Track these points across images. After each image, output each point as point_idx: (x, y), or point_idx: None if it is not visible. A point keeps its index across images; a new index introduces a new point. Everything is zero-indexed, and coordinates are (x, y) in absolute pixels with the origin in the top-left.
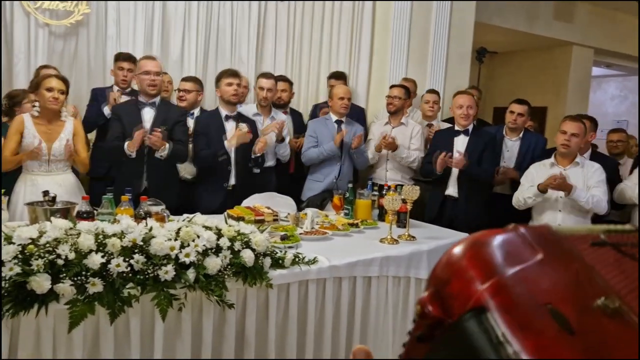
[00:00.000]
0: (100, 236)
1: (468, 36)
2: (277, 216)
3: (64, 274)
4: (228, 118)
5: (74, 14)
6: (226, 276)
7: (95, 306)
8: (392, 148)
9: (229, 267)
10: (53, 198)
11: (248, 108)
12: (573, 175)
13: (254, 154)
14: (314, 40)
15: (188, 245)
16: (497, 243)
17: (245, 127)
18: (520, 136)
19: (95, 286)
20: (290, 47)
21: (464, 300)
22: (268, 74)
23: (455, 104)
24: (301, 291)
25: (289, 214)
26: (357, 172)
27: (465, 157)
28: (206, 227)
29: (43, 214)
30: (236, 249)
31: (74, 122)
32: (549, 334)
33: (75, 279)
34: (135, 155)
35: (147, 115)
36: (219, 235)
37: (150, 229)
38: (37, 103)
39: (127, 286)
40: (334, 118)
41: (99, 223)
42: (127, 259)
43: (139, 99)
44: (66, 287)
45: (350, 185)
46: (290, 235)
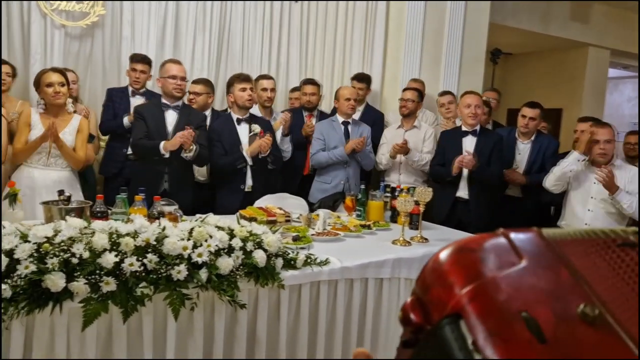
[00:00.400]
0: (114, 235)
1: (482, 37)
2: (289, 217)
3: (78, 273)
4: (240, 121)
5: (90, 16)
6: (238, 276)
7: (108, 305)
8: (405, 152)
9: (241, 268)
10: (68, 197)
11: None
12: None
13: (260, 155)
14: (327, 41)
15: (201, 245)
16: (482, 249)
17: (257, 128)
18: (532, 139)
19: (108, 285)
20: (303, 49)
21: (442, 306)
22: (267, 75)
23: (462, 104)
24: (313, 292)
25: (301, 215)
26: (370, 174)
27: (475, 158)
28: (219, 228)
29: (58, 213)
30: (248, 250)
31: (81, 120)
32: (519, 342)
33: (89, 278)
34: (168, 155)
35: (170, 117)
36: (232, 235)
37: (163, 229)
38: (42, 100)
39: (140, 285)
40: (341, 119)
41: (113, 222)
42: (141, 259)
43: (162, 101)
44: (80, 286)
45: (362, 186)
46: (302, 236)
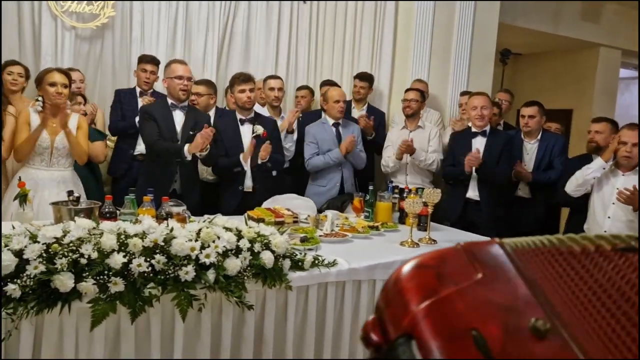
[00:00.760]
0: (122, 236)
1: (492, 37)
2: (297, 218)
3: (87, 273)
4: (243, 122)
5: (100, 17)
6: (246, 277)
7: (116, 305)
8: (410, 151)
9: (249, 269)
10: (77, 198)
11: (259, 111)
12: (630, 183)
13: (261, 160)
14: (336, 41)
15: (208, 246)
16: (441, 264)
17: (260, 129)
18: (538, 138)
19: (116, 285)
20: (312, 48)
21: (398, 324)
22: (275, 75)
23: (469, 105)
24: (320, 293)
25: (309, 216)
26: (372, 175)
27: (479, 155)
28: (226, 229)
29: (67, 214)
30: (256, 251)
31: (79, 117)
32: None
33: (97, 278)
34: (190, 158)
35: (178, 117)
36: (239, 236)
37: (171, 230)
38: (40, 98)
39: (148, 286)
40: (331, 121)
41: (121, 223)
42: (148, 259)
43: (170, 102)
44: (89, 286)
45: (370, 187)
46: (310, 237)
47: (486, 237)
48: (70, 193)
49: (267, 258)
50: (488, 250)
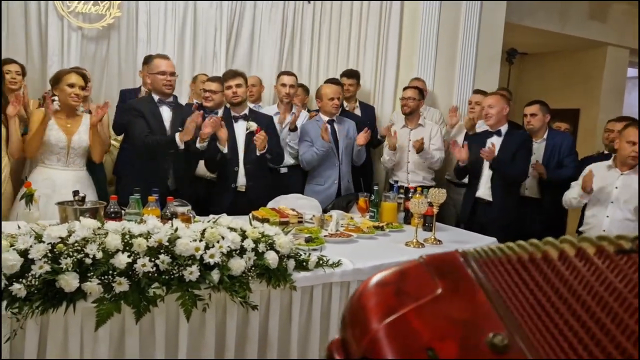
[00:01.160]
0: (126, 236)
1: (498, 37)
2: (302, 218)
3: (92, 273)
4: (237, 119)
5: (106, 18)
6: (250, 277)
7: (121, 305)
8: (420, 149)
9: (253, 269)
10: (82, 198)
11: (270, 109)
12: (629, 182)
13: (259, 152)
14: (342, 41)
15: (213, 246)
16: (400, 279)
17: (254, 126)
18: (544, 137)
19: (121, 285)
20: (316, 49)
21: (358, 345)
22: (289, 72)
23: (482, 104)
24: (325, 294)
25: (314, 216)
26: (372, 174)
27: (494, 149)
28: (231, 229)
29: (73, 214)
30: (260, 251)
31: (90, 116)
32: None
33: (102, 278)
34: (184, 147)
35: (166, 114)
36: (244, 236)
37: (175, 230)
38: (57, 98)
39: (153, 286)
40: (326, 119)
41: (126, 223)
42: (153, 259)
43: (156, 98)
44: (93, 286)
45: (376, 187)
46: (314, 237)
47: (492, 238)
48: (75, 193)
49: (272, 258)
50: (449, 262)
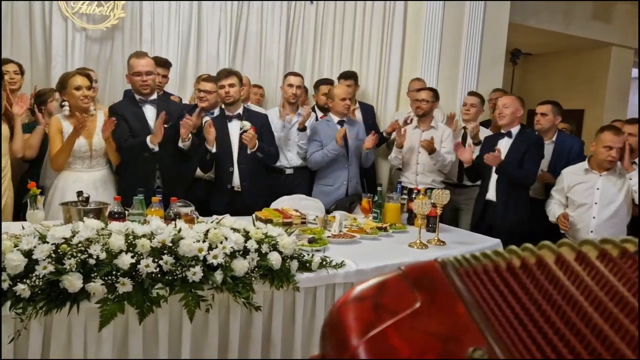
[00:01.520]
0: (130, 237)
1: (502, 37)
2: (305, 219)
3: (95, 274)
4: (231, 118)
5: (110, 19)
6: (253, 278)
7: (124, 305)
8: (430, 149)
9: (256, 270)
10: (87, 198)
11: (277, 109)
12: (610, 182)
13: (250, 151)
14: (345, 41)
15: (216, 247)
16: (378, 294)
17: (247, 125)
18: (553, 139)
19: (125, 286)
20: (318, 49)
21: None
22: (295, 72)
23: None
24: (328, 294)
25: (317, 217)
26: (374, 174)
27: (499, 154)
28: (234, 230)
29: (77, 214)
30: (263, 252)
31: (104, 116)
32: None
33: (105, 279)
34: (157, 149)
35: (149, 113)
36: (247, 237)
37: (179, 231)
38: (66, 103)
39: (156, 286)
40: (336, 119)
41: (130, 224)
42: (156, 260)
43: (138, 97)
44: (97, 286)
45: (379, 188)
46: (317, 238)
47: (496, 240)
48: (79, 193)
49: (275, 259)
50: (428, 273)
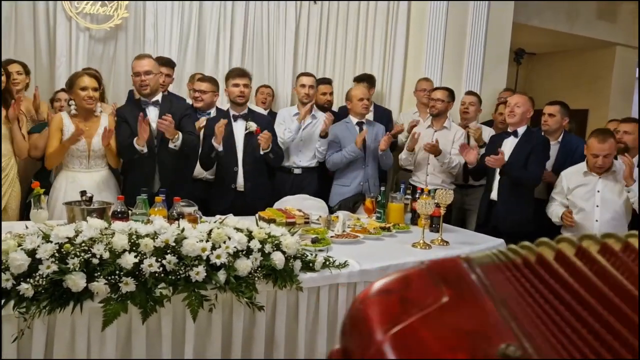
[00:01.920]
0: (133, 236)
1: (506, 37)
2: (309, 219)
3: (99, 273)
4: (237, 118)
5: (113, 19)
6: (256, 278)
7: (128, 305)
8: (435, 152)
9: (259, 269)
10: (90, 198)
11: (290, 109)
12: (609, 184)
13: (262, 151)
14: (349, 41)
15: (219, 246)
16: (404, 287)
17: (253, 126)
18: (559, 140)
19: (128, 285)
20: (322, 49)
21: (362, 355)
22: (308, 73)
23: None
24: (331, 294)
25: (321, 217)
26: (387, 175)
27: (502, 156)
28: (237, 229)
29: (80, 214)
30: (267, 251)
31: (109, 118)
32: None
33: (109, 278)
34: (146, 150)
35: (152, 113)
36: (250, 237)
37: (182, 230)
38: (73, 102)
39: (159, 286)
40: (355, 120)
41: (133, 223)
42: (160, 260)
43: (141, 99)
44: (100, 286)
45: (382, 188)
46: (321, 238)
47: (499, 240)
48: (83, 193)
49: (278, 259)
50: (454, 269)
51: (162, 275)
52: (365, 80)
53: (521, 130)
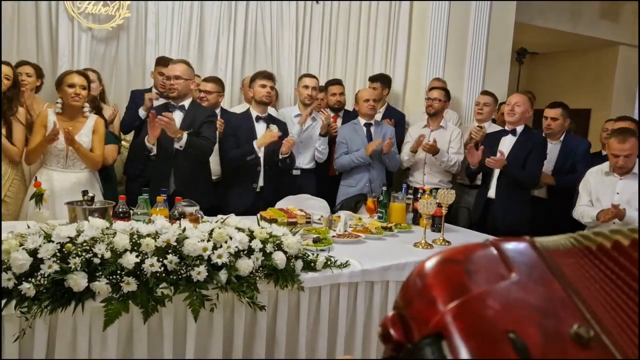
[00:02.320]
0: (135, 236)
1: (508, 37)
2: (310, 219)
3: (100, 273)
4: (259, 119)
5: (115, 18)
6: (258, 278)
7: (129, 305)
8: (434, 152)
9: (261, 269)
10: (92, 198)
11: (290, 109)
12: (629, 184)
13: (282, 155)
14: (350, 42)
15: (220, 246)
16: (470, 260)
17: (275, 128)
18: (560, 140)
19: (129, 285)
20: (325, 50)
21: (424, 323)
22: (311, 74)
23: (506, 103)
24: (332, 294)
25: (322, 217)
26: (392, 175)
27: (503, 157)
28: (239, 229)
29: (82, 213)
30: (268, 251)
31: (96, 119)
32: None
33: (110, 278)
34: (155, 149)
35: (177, 118)
36: (251, 237)
37: (183, 230)
38: (60, 100)
39: (161, 286)
40: (363, 121)
41: (134, 223)
42: (161, 259)
43: (170, 102)
44: (102, 286)
45: (384, 188)
46: (322, 238)
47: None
48: (84, 193)
49: (279, 259)
50: (518, 248)
51: (164, 275)
52: (379, 80)
53: (520, 129)
